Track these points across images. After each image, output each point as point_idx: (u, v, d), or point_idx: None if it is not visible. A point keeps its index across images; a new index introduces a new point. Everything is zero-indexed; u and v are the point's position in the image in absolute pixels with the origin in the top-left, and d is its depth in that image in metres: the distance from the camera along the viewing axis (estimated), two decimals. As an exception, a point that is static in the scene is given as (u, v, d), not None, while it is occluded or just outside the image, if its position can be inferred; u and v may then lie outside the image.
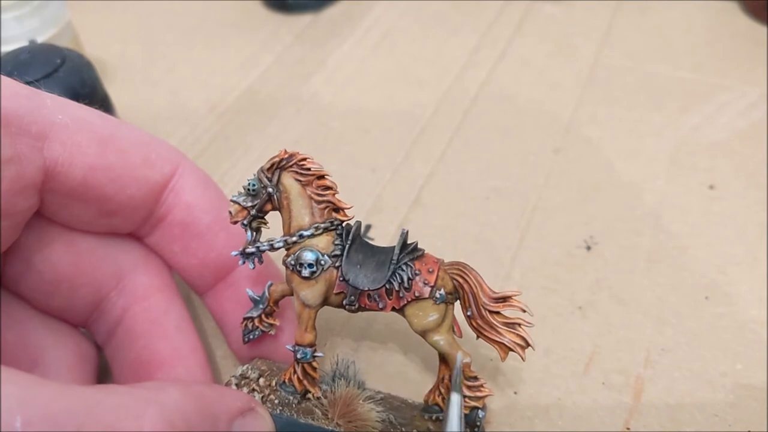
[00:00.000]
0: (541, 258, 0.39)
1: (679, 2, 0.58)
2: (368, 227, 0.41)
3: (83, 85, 0.39)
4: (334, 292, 0.28)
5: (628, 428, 0.31)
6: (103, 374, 0.32)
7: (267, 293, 0.30)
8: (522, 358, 0.28)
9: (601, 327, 0.36)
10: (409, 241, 0.28)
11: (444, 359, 0.29)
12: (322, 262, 0.28)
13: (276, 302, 0.30)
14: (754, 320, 0.35)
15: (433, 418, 0.29)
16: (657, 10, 0.57)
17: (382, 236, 0.40)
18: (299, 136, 0.47)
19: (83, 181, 0.28)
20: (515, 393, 0.33)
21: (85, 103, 0.29)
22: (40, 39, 0.45)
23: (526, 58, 0.53)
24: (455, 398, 0.25)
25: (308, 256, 0.27)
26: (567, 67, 0.52)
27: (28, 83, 0.38)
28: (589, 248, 0.39)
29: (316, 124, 0.48)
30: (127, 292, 0.30)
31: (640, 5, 0.58)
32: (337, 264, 0.28)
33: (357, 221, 0.29)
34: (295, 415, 0.28)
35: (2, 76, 0.26)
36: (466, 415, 0.28)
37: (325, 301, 0.28)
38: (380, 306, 0.28)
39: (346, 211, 0.28)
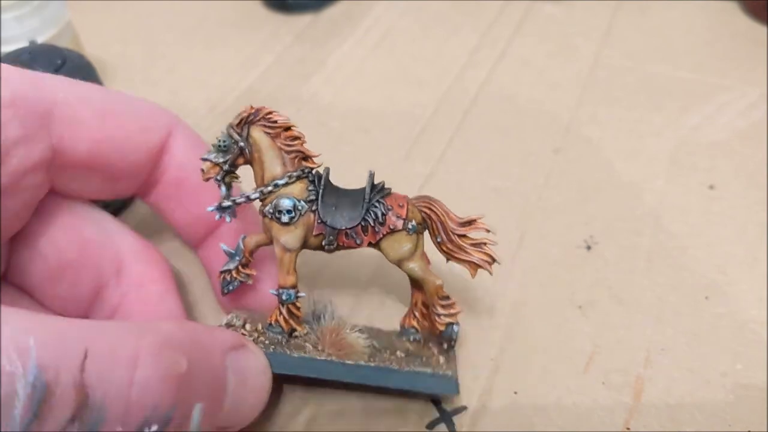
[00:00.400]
0: (541, 258, 0.39)
1: (679, 2, 0.58)
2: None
3: (83, 86, 0.39)
4: (314, 234, 0.30)
5: (628, 428, 0.32)
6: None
7: (242, 245, 0.31)
8: (490, 273, 0.31)
9: (601, 327, 0.36)
10: (376, 183, 0.31)
11: (417, 285, 0.31)
12: (300, 208, 0.29)
13: (251, 253, 0.31)
14: (754, 320, 0.35)
15: (411, 339, 0.32)
16: (657, 10, 0.57)
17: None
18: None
19: (88, 154, 0.29)
20: (515, 393, 0.33)
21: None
22: (40, 39, 0.45)
23: (526, 58, 0.53)
24: None
25: (286, 203, 0.29)
26: (567, 67, 0.52)
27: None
28: (589, 248, 0.39)
29: (316, 124, 0.48)
30: (125, 280, 0.31)
31: (640, 5, 0.58)
32: (313, 208, 0.30)
33: (326, 167, 0.31)
34: (288, 351, 0.29)
35: (2, 64, 0.27)
36: (442, 331, 0.31)
37: (305, 244, 0.30)
38: (357, 242, 0.30)
39: (314, 159, 0.30)
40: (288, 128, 0.30)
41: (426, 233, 0.31)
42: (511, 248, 0.39)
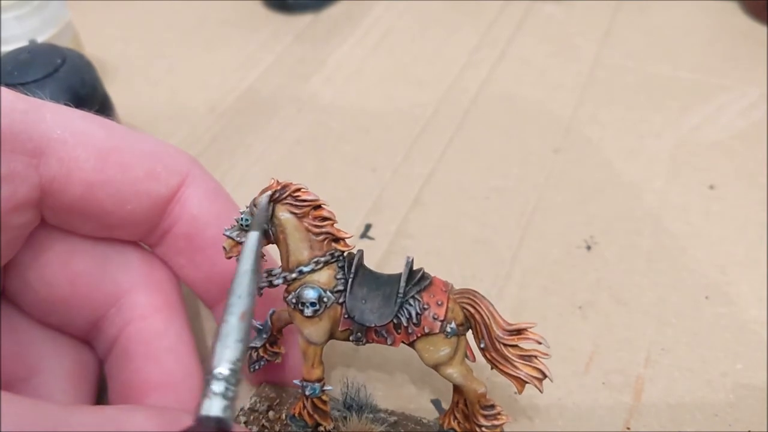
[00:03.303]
0: (541, 258, 0.39)
1: (679, 2, 0.58)
2: (368, 227, 0.41)
3: (83, 86, 0.39)
4: (340, 329, 0.27)
5: (628, 428, 0.31)
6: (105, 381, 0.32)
7: (269, 322, 0.29)
8: (540, 391, 0.27)
9: (601, 327, 0.36)
10: (415, 267, 0.27)
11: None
12: (325, 300, 0.26)
13: (279, 330, 0.29)
14: (754, 320, 0.35)
15: None
16: (657, 10, 0.57)
17: (382, 236, 0.40)
18: (299, 136, 0.47)
19: (81, 198, 0.27)
20: (515, 393, 0.33)
21: (94, 111, 0.29)
22: (41, 39, 0.45)
23: (526, 58, 0.53)
24: (252, 235, 0.23)
25: (310, 294, 0.26)
26: (567, 67, 0.52)
27: (29, 84, 0.38)
28: (589, 248, 0.39)
29: (316, 124, 0.48)
30: (125, 312, 0.30)
31: (640, 5, 0.58)
32: (340, 300, 0.27)
33: (359, 250, 0.28)
34: None
35: (2, 88, 0.25)
36: None
37: (331, 336, 0.27)
38: (389, 342, 0.27)
39: (346, 240, 0.27)
40: (318, 207, 0.26)
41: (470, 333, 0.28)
42: (511, 248, 0.39)
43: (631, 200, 0.42)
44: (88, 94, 0.39)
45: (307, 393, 0.28)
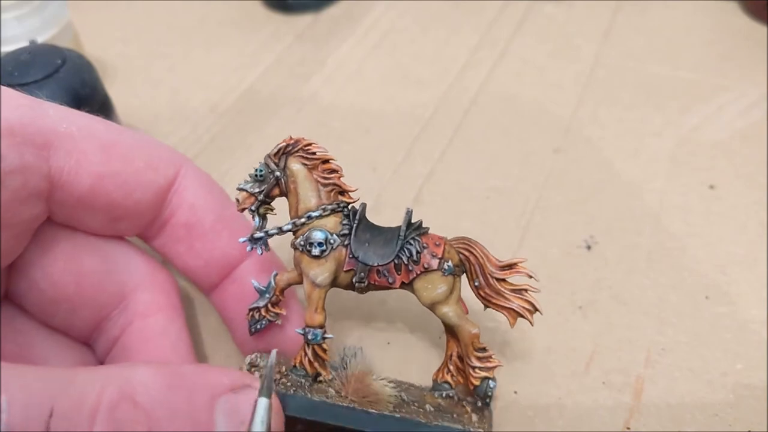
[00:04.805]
0: (541, 258, 0.39)
1: (679, 2, 0.58)
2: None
3: (84, 86, 0.39)
4: (344, 269, 0.29)
5: (628, 428, 0.32)
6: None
7: (273, 282, 0.30)
8: (530, 323, 0.29)
9: (602, 326, 0.36)
10: (413, 221, 0.30)
11: (452, 335, 0.30)
12: (332, 241, 0.29)
13: (282, 291, 0.30)
14: (754, 320, 0.35)
15: (444, 395, 0.30)
16: (657, 10, 0.57)
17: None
18: (300, 135, 0.47)
19: (90, 190, 0.28)
20: (515, 393, 0.33)
21: (86, 110, 0.29)
22: (41, 39, 0.45)
23: (526, 58, 0.53)
24: (261, 402, 0.25)
25: (318, 235, 0.28)
26: (567, 67, 0.52)
27: (29, 84, 0.38)
28: (589, 248, 0.39)
29: (316, 124, 0.48)
30: (129, 310, 0.30)
31: (640, 5, 0.58)
32: (345, 242, 0.29)
33: (362, 203, 0.30)
34: (309, 395, 0.28)
35: (3, 87, 0.26)
36: (476, 387, 0.29)
37: (335, 281, 0.29)
38: (390, 281, 0.29)
39: (351, 193, 0.29)
40: (326, 161, 0.29)
41: (464, 278, 0.30)
42: (511, 248, 0.39)
43: (631, 200, 0.42)
44: (88, 94, 0.39)
45: (309, 338, 0.29)
